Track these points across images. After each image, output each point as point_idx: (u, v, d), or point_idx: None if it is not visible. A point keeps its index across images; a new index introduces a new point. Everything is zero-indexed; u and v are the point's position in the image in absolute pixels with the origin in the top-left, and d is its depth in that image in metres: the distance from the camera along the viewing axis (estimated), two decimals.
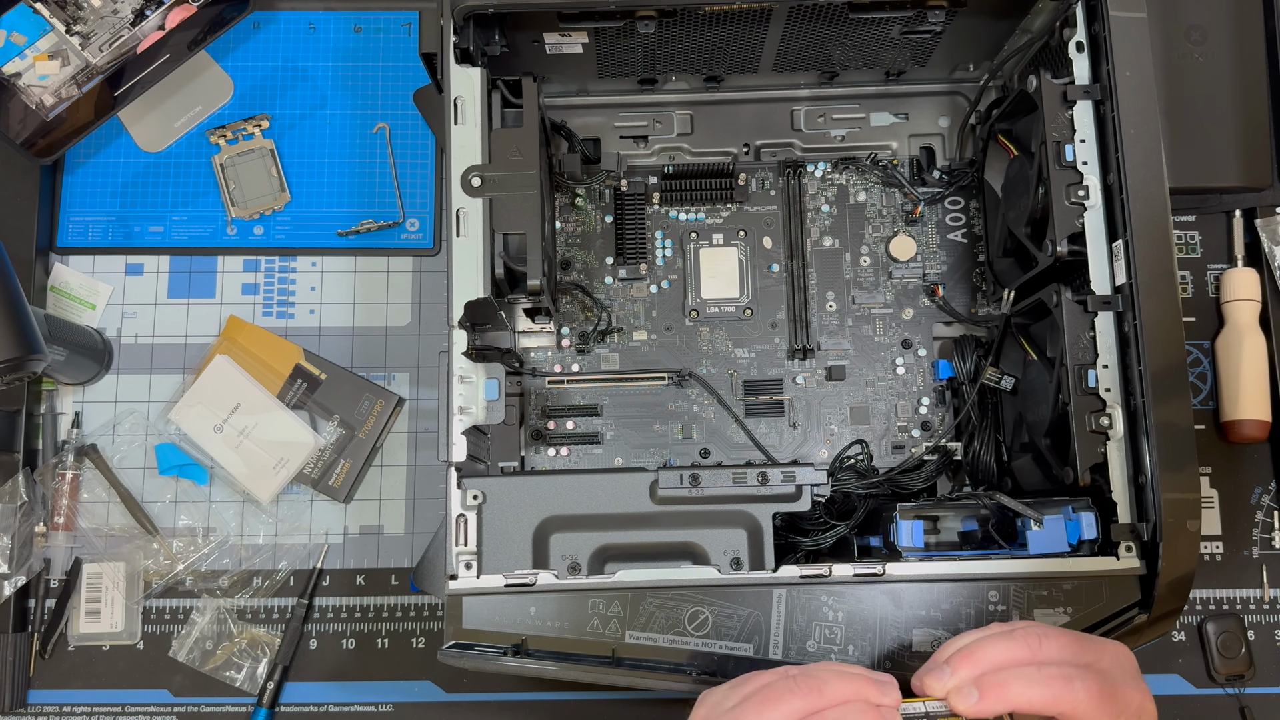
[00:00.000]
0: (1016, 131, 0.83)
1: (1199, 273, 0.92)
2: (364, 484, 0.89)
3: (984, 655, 0.58)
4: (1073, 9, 0.75)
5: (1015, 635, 0.59)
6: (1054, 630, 0.59)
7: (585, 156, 0.90)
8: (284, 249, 0.93)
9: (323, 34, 0.96)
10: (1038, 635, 0.58)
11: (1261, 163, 0.89)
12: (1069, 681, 0.56)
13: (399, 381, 0.91)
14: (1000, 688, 0.57)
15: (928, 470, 0.83)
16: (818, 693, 0.57)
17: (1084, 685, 0.56)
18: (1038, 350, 0.79)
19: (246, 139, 0.93)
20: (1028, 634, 0.58)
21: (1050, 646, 0.58)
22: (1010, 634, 0.59)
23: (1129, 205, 0.70)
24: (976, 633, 0.61)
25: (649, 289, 0.89)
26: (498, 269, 0.72)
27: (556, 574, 0.69)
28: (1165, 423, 0.67)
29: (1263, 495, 0.89)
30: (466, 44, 0.74)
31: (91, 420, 0.90)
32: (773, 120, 0.92)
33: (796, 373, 0.88)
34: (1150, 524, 0.68)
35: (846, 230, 0.90)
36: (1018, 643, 0.58)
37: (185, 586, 0.88)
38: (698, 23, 0.78)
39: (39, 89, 0.87)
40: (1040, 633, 0.59)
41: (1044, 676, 0.56)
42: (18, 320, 0.75)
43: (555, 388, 0.87)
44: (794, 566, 0.69)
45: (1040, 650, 0.58)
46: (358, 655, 0.87)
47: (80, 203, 0.93)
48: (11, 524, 0.85)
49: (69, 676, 0.87)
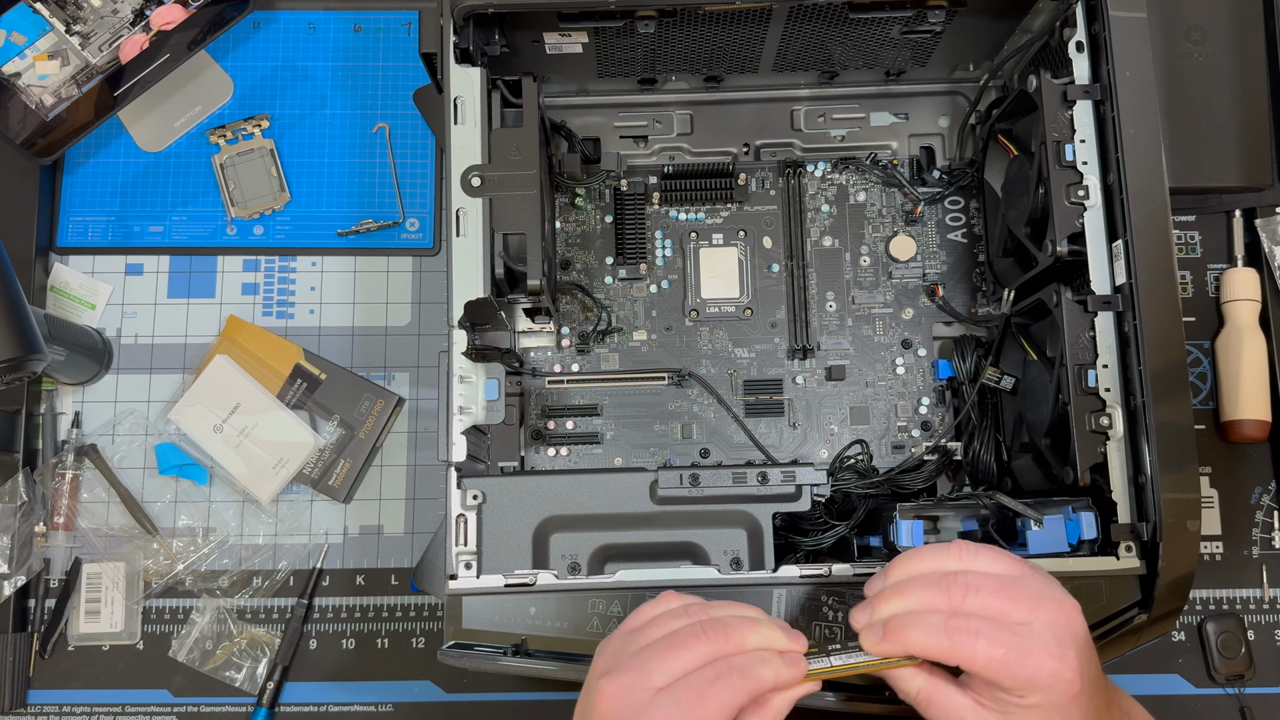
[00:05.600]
0: (1016, 131, 0.83)
1: (1199, 273, 0.92)
2: (364, 484, 0.89)
3: (905, 597, 0.58)
4: (1073, 9, 0.75)
5: (944, 581, 0.57)
6: (990, 581, 0.57)
7: (585, 156, 0.90)
8: (284, 249, 0.93)
9: (323, 34, 0.96)
10: (965, 586, 0.57)
11: (1261, 163, 0.89)
12: (973, 637, 0.55)
13: (399, 381, 0.91)
14: (900, 632, 0.56)
15: (928, 470, 0.83)
16: (724, 638, 0.56)
17: (987, 644, 0.55)
18: (1038, 350, 0.79)
19: (246, 139, 0.93)
20: (956, 583, 0.57)
21: (975, 600, 0.56)
22: (940, 580, 0.57)
23: (1129, 205, 0.70)
24: (916, 560, 0.60)
25: (649, 289, 0.89)
26: (498, 269, 0.72)
27: (556, 574, 0.69)
28: (1165, 423, 0.67)
29: (1263, 495, 0.89)
30: (466, 44, 0.74)
31: (91, 420, 0.90)
32: (773, 120, 0.92)
33: (796, 373, 0.88)
34: (1150, 524, 0.68)
35: (846, 230, 0.90)
36: (942, 591, 0.57)
37: (185, 586, 0.88)
38: (698, 23, 0.78)
39: (39, 89, 0.87)
40: (972, 583, 0.57)
41: (948, 628, 0.55)
42: (18, 320, 0.75)
43: (555, 388, 0.87)
44: (794, 566, 0.69)
45: (963, 602, 0.56)
46: (357, 655, 0.87)
47: (80, 203, 0.93)
48: (11, 524, 0.85)
49: (69, 676, 0.87)
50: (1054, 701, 0.56)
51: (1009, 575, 0.58)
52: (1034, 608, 0.56)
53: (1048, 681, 0.55)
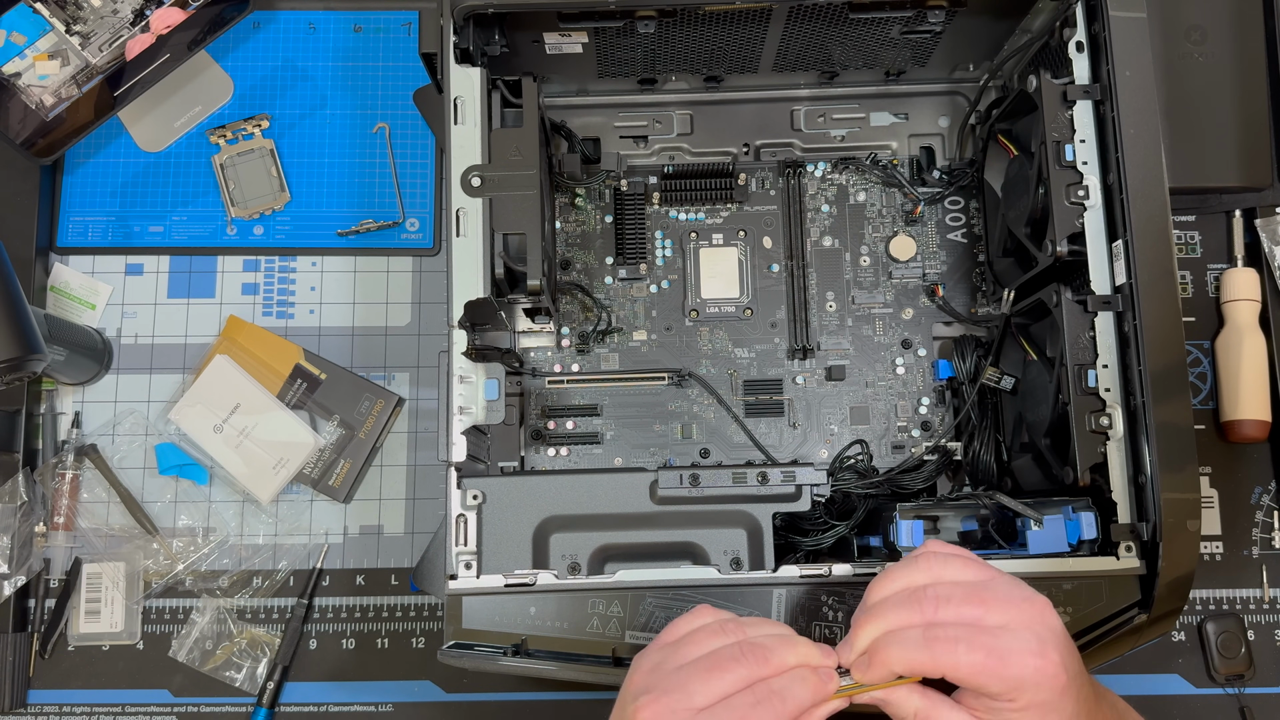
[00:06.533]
0: (1016, 131, 0.83)
1: (1199, 273, 0.92)
2: (364, 484, 0.89)
3: (880, 619, 0.58)
4: (1073, 9, 0.75)
5: (915, 597, 0.58)
6: (959, 589, 0.58)
7: (585, 156, 0.90)
8: (284, 249, 0.93)
9: (323, 34, 0.96)
10: (936, 599, 0.57)
11: (1261, 163, 0.89)
12: (953, 645, 0.56)
13: (399, 381, 0.91)
14: (882, 653, 0.57)
15: (928, 470, 0.83)
16: (764, 661, 0.57)
17: (968, 650, 0.55)
18: (1038, 350, 0.79)
19: (246, 139, 0.93)
20: (927, 596, 0.58)
21: (948, 610, 0.57)
22: (911, 596, 0.58)
23: (1129, 205, 0.70)
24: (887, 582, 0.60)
25: (649, 289, 0.89)
26: (498, 269, 0.72)
27: (556, 574, 0.69)
28: (1165, 423, 0.67)
29: (1263, 495, 0.89)
30: (466, 44, 0.74)
31: (91, 420, 0.90)
32: (773, 120, 0.92)
33: (796, 373, 0.88)
34: (1150, 524, 0.68)
35: (846, 230, 0.90)
36: (914, 607, 0.58)
37: (185, 586, 0.88)
38: (698, 23, 0.78)
39: (39, 89, 0.87)
40: (942, 594, 0.58)
41: (927, 640, 0.56)
42: (18, 320, 0.75)
43: (555, 388, 0.87)
44: (794, 566, 0.69)
45: (937, 614, 0.57)
46: (357, 655, 0.87)
47: (80, 203, 0.93)
48: (11, 524, 0.85)
49: (69, 676, 0.87)
50: (1044, 699, 0.56)
51: (978, 581, 0.59)
52: (1007, 609, 0.57)
53: (1034, 679, 0.55)
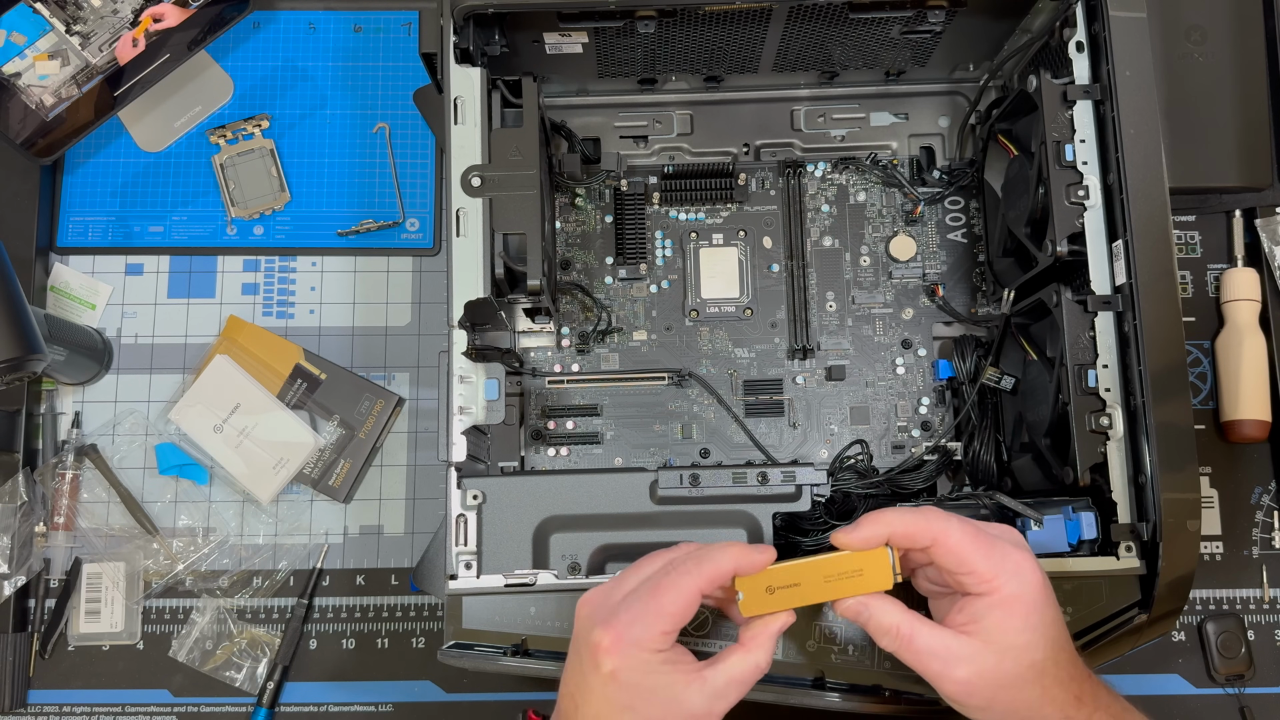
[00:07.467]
0: (1016, 131, 0.83)
1: (1199, 273, 0.92)
2: (364, 484, 0.89)
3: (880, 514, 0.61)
4: (1073, 9, 0.75)
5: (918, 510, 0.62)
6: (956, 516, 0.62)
7: (585, 156, 0.90)
8: (284, 249, 0.93)
9: (323, 34, 0.96)
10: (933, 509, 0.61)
11: (1261, 163, 0.89)
12: (946, 518, 0.60)
13: (399, 381, 0.91)
14: (875, 517, 0.61)
15: (928, 470, 0.83)
16: (698, 570, 0.60)
17: (960, 524, 0.59)
18: (1038, 350, 0.79)
19: (246, 139, 0.93)
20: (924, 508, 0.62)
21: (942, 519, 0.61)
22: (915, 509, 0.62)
23: (1129, 205, 0.70)
24: None
25: (649, 289, 0.89)
26: (498, 269, 0.72)
27: (556, 574, 0.69)
28: (1165, 423, 0.67)
29: (1263, 495, 0.89)
30: (466, 44, 0.74)
31: (91, 420, 0.90)
32: (773, 120, 0.92)
33: (796, 373, 0.88)
34: (1150, 524, 0.68)
35: (846, 230, 0.90)
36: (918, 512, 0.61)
37: (185, 586, 0.88)
38: (698, 23, 0.78)
39: (39, 89, 0.87)
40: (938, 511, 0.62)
41: (922, 510, 0.60)
42: (18, 320, 0.75)
43: (555, 388, 0.87)
44: None
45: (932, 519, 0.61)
46: (358, 655, 0.87)
47: (80, 203, 0.93)
48: (11, 524, 0.85)
49: (69, 676, 0.87)
50: (1024, 593, 0.58)
51: None
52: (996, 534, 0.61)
53: (1016, 568, 0.59)
